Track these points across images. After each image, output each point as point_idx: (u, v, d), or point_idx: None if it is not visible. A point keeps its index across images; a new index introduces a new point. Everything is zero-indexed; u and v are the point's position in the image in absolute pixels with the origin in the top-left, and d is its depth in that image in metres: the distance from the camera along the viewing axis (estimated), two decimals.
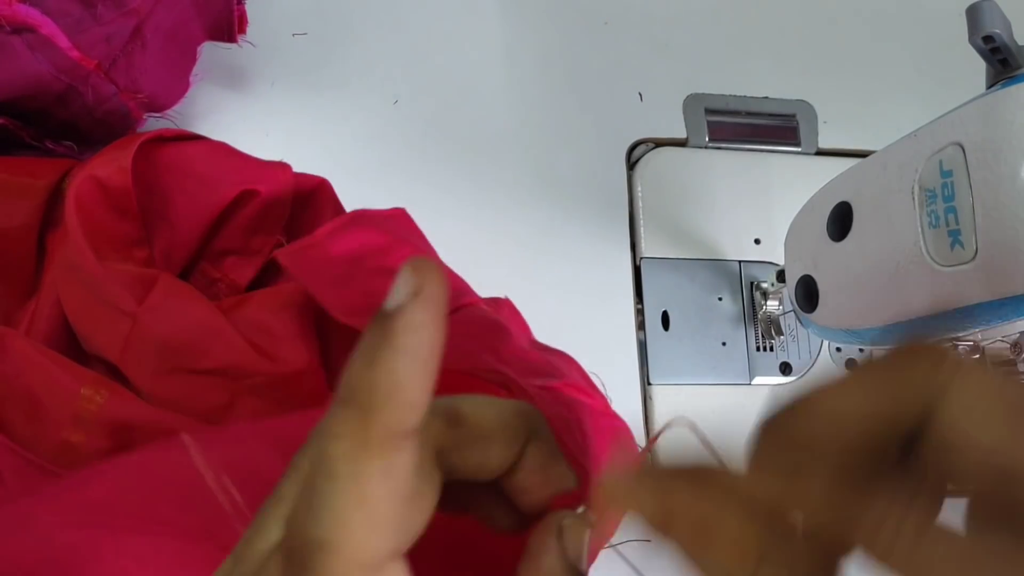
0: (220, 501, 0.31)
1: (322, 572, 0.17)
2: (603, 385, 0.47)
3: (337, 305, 0.39)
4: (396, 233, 0.44)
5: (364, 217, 0.43)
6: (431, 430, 0.21)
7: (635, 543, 0.26)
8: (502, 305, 0.48)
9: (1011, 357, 0.45)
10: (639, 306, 0.58)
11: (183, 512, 0.32)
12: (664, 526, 0.20)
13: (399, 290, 0.18)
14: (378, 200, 0.55)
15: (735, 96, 0.65)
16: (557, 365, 0.39)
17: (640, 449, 0.45)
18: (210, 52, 0.52)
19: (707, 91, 0.64)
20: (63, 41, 0.43)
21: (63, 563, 0.30)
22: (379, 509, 0.18)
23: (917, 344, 0.18)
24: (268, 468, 0.34)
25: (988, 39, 0.34)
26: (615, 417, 0.36)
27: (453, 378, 0.38)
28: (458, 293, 0.43)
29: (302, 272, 0.40)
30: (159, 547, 0.32)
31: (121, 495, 0.33)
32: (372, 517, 0.17)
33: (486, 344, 0.39)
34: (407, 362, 0.18)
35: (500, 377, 0.34)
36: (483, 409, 0.22)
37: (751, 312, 0.59)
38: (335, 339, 0.47)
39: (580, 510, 0.21)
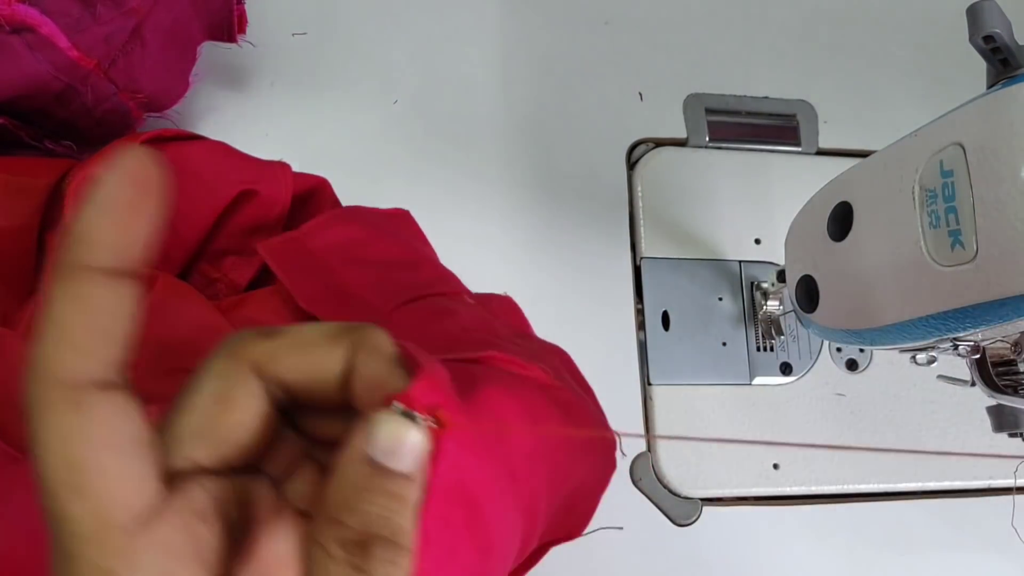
0: None
1: (35, 382, 0.19)
2: (603, 386, 0.47)
3: (300, 294, 0.40)
4: (384, 229, 0.44)
5: (355, 213, 0.44)
6: (245, 341, 0.21)
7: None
8: (493, 300, 0.47)
9: (1012, 357, 0.45)
10: (639, 306, 0.58)
11: None
12: None
13: (114, 163, 0.19)
14: (378, 200, 0.55)
15: (735, 96, 0.65)
16: (539, 353, 0.39)
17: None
18: (210, 52, 0.52)
19: (707, 91, 0.64)
20: (62, 41, 0.43)
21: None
22: (70, 331, 0.19)
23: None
24: None
25: (988, 39, 0.34)
26: (523, 367, 0.35)
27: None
28: (433, 283, 0.43)
29: (279, 265, 0.41)
30: None
31: None
32: (63, 336, 0.19)
33: (429, 330, 0.38)
34: (103, 212, 0.19)
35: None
36: (305, 327, 0.22)
37: (751, 312, 0.59)
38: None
39: (405, 409, 0.20)
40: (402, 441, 0.20)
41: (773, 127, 0.65)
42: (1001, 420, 0.46)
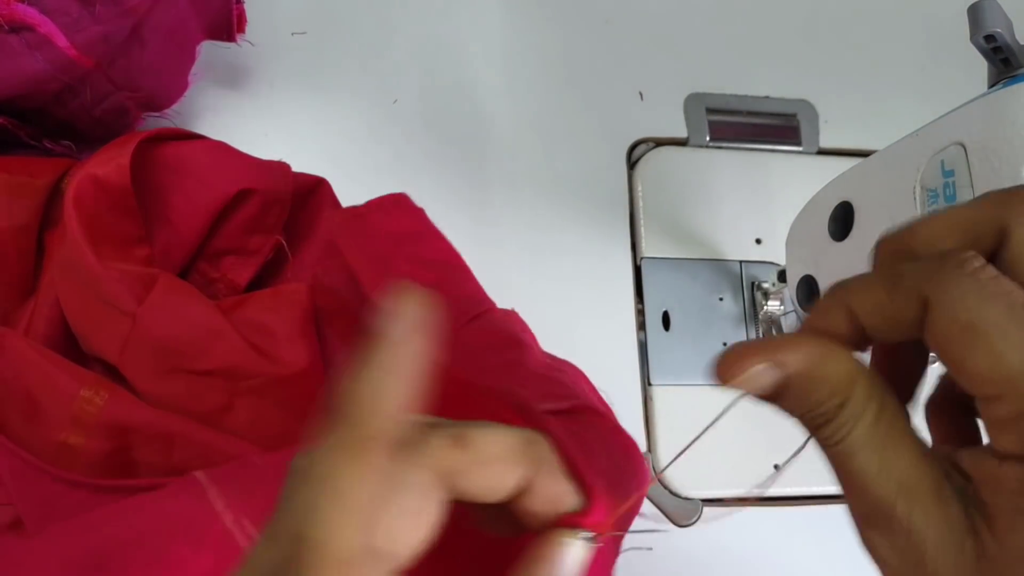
0: (238, 542, 0.31)
1: (299, 565, 0.18)
2: (603, 386, 0.47)
3: (376, 288, 0.40)
4: (428, 224, 0.44)
5: (402, 201, 0.44)
6: (436, 450, 0.22)
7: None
8: (512, 317, 0.48)
9: None
10: (639, 306, 0.58)
11: (200, 554, 0.32)
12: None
13: (383, 312, 0.20)
14: None
15: (736, 95, 0.64)
16: (567, 382, 0.40)
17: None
18: (209, 51, 0.52)
19: (708, 90, 0.64)
20: (61, 40, 0.43)
21: None
22: (352, 506, 0.19)
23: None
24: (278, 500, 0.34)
25: (990, 38, 0.34)
26: (624, 434, 0.37)
27: (469, 395, 0.39)
28: (476, 300, 0.43)
29: (348, 243, 0.41)
30: None
31: (137, 536, 0.32)
32: (345, 512, 0.19)
33: (504, 358, 0.39)
34: (382, 376, 0.20)
35: (515, 399, 0.34)
36: (492, 434, 0.23)
37: (752, 312, 0.59)
38: (335, 341, 0.47)
39: (582, 533, 0.23)
40: (581, 563, 0.22)
41: (774, 127, 0.64)
42: None
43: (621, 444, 0.39)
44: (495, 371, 0.38)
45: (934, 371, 0.23)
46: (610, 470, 0.35)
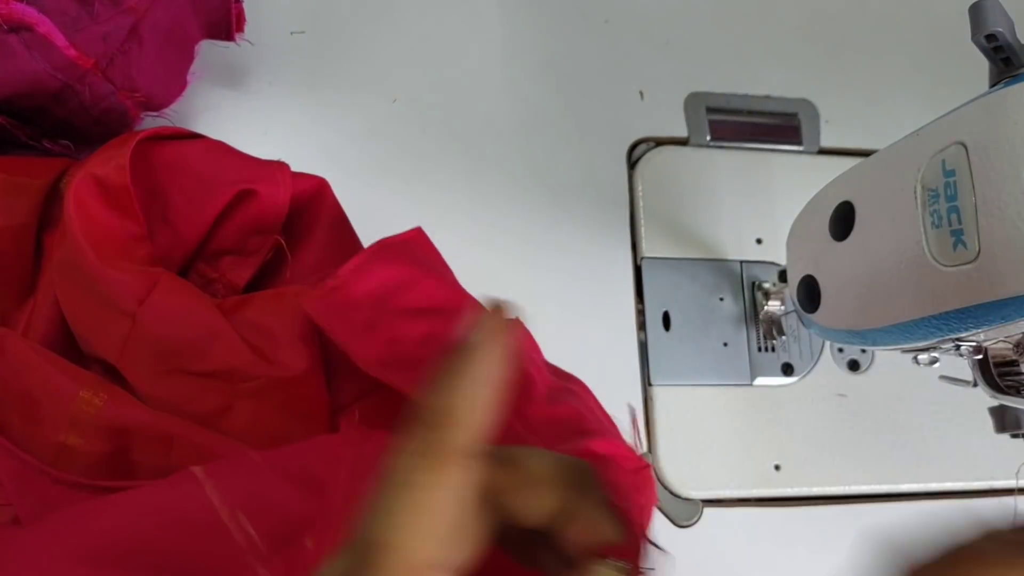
0: (235, 537, 0.31)
1: (375, 568, 0.19)
2: (603, 386, 0.47)
3: (364, 356, 0.40)
4: (416, 261, 0.44)
5: (384, 248, 0.43)
6: (488, 469, 0.22)
7: None
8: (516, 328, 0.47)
9: (1014, 357, 0.45)
10: (640, 306, 0.58)
11: (197, 548, 0.32)
12: None
13: (476, 328, 0.21)
14: (376, 200, 0.55)
15: (737, 95, 0.64)
16: (575, 415, 0.40)
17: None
18: (208, 50, 0.52)
19: (708, 90, 0.64)
20: (60, 39, 0.43)
21: None
22: (431, 518, 0.20)
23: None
24: (281, 501, 0.34)
25: (991, 38, 0.34)
26: (642, 464, 0.37)
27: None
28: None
29: (329, 322, 0.41)
30: None
31: (133, 531, 0.33)
32: (424, 523, 0.20)
33: (514, 404, 0.39)
34: (472, 390, 0.21)
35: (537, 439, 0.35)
36: (538, 457, 0.24)
37: (752, 312, 0.58)
38: (336, 345, 0.46)
39: (619, 564, 0.23)
40: None
41: (775, 126, 0.64)
42: (1003, 421, 0.46)
43: (636, 473, 0.40)
44: (502, 422, 0.38)
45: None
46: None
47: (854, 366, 0.59)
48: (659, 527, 0.53)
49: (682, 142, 0.63)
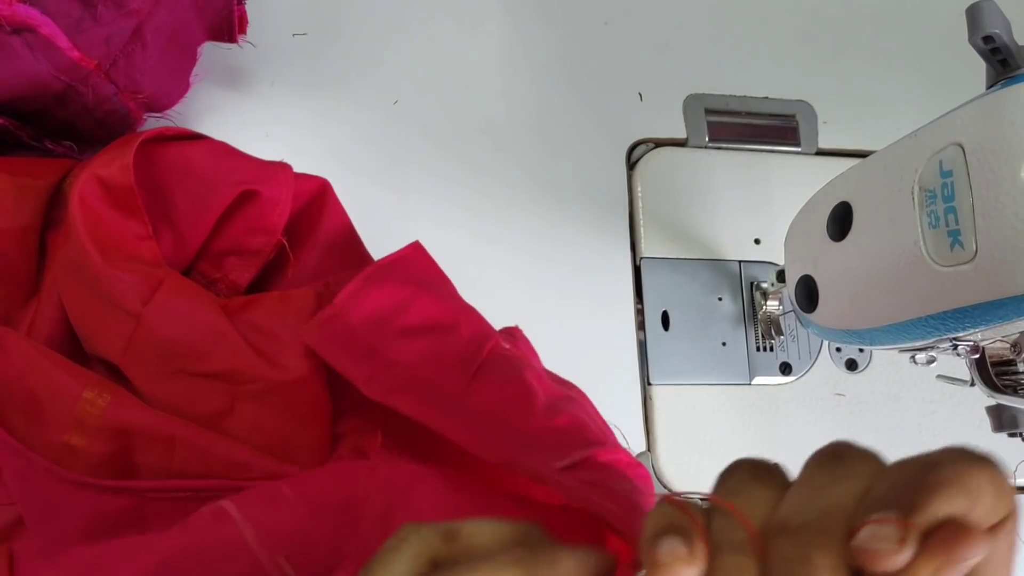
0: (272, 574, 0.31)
1: None
2: (603, 386, 0.47)
3: (366, 384, 0.40)
4: (411, 280, 0.44)
5: (379, 271, 0.43)
6: (427, 544, 0.23)
7: None
8: (516, 336, 0.47)
9: (1011, 357, 0.45)
10: (639, 306, 0.58)
11: None
12: None
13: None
14: (377, 200, 0.55)
15: (735, 96, 0.65)
16: (577, 425, 0.40)
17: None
18: (210, 52, 0.52)
19: (707, 91, 0.64)
20: (63, 41, 0.43)
21: None
22: None
23: None
24: (314, 535, 0.34)
25: (988, 39, 0.34)
26: (639, 466, 0.37)
27: (490, 473, 0.39)
28: (475, 344, 0.43)
29: (329, 352, 0.41)
30: None
31: (171, 571, 0.32)
32: None
33: (514, 421, 0.39)
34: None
35: (531, 472, 0.35)
36: (481, 528, 0.23)
37: (751, 312, 0.59)
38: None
39: None
40: None
41: (773, 127, 0.65)
42: (1001, 420, 0.46)
43: (636, 477, 0.40)
44: (507, 440, 0.38)
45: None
46: (628, 507, 0.36)
47: (852, 365, 0.60)
48: None
49: (681, 143, 0.63)
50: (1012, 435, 0.47)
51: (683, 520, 0.20)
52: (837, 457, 0.21)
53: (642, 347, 0.57)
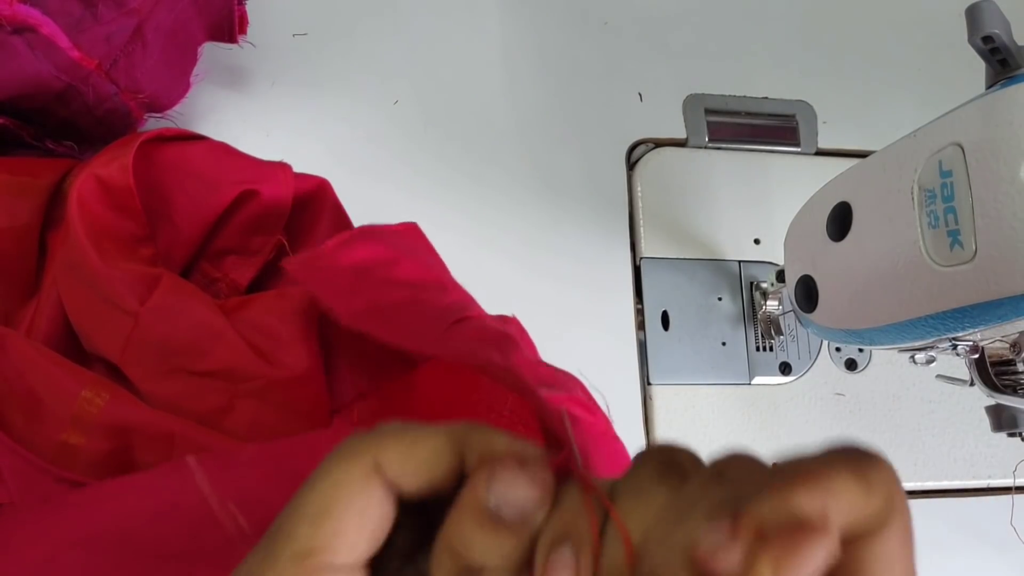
0: (225, 525, 0.31)
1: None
2: (602, 386, 0.47)
3: (343, 311, 0.40)
4: (402, 248, 0.44)
5: (372, 232, 0.43)
6: (360, 446, 0.23)
7: None
8: (509, 323, 0.47)
9: (1010, 357, 0.45)
10: (639, 306, 0.58)
11: (187, 535, 0.32)
12: None
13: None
14: (378, 200, 0.55)
15: (735, 96, 0.65)
16: (563, 381, 0.40)
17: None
18: (211, 52, 0.52)
19: (707, 91, 0.64)
20: (63, 41, 0.43)
21: None
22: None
23: None
24: (272, 494, 0.34)
25: (987, 39, 0.34)
26: (616, 440, 0.37)
27: (464, 375, 0.39)
28: (460, 306, 0.43)
29: (311, 281, 0.41)
30: (166, 573, 0.32)
31: (126, 517, 0.33)
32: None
33: (495, 348, 0.39)
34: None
35: (509, 377, 0.34)
36: (409, 433, 0.23)
37: (751, 312, 0.59)
38: (337, 346, 0.47)
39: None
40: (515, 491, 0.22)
41: (772, 127, 0.65)
42: (1000, 420, 0.46)
43: (611, 451, 0.39)
44: (485, 355, 0.38)
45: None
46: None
47: (851, 365, 0.60)
48: None
49: (681, 143, 0.63)
50: (1012, 435, 0.47)
51: (584, 528, 0.20)
52: (684, 476, 0.22)
53: (642, 347, 0.57)
